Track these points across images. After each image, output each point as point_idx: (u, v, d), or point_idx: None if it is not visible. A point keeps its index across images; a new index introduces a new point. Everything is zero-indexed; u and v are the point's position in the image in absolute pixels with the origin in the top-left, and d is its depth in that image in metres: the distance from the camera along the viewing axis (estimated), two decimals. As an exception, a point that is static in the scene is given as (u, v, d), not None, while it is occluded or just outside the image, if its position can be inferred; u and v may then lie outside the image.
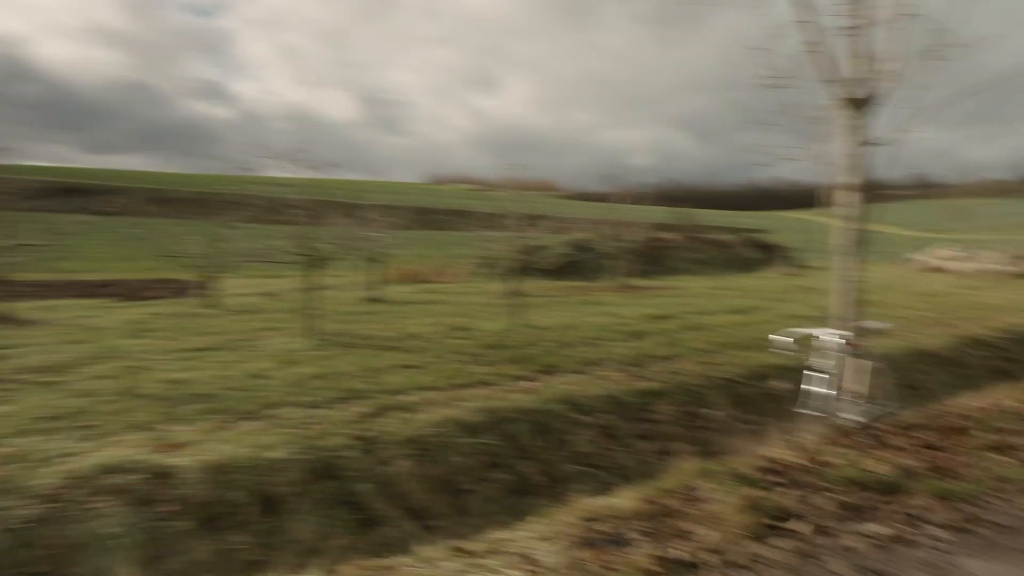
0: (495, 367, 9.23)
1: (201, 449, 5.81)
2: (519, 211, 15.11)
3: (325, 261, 12.54)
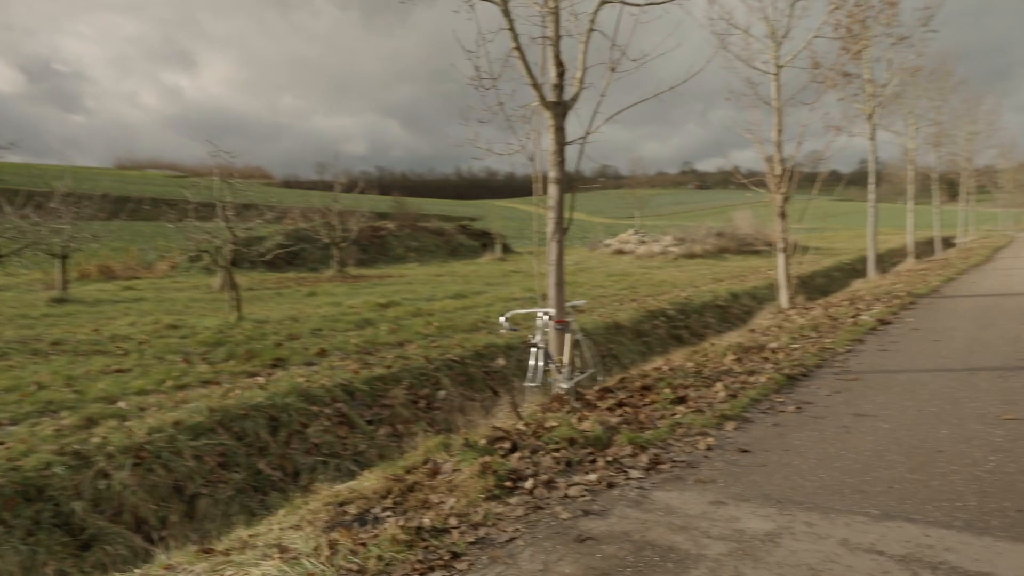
0: (218, 365, 8.83)
1: None
2: (230, 199, 14.34)
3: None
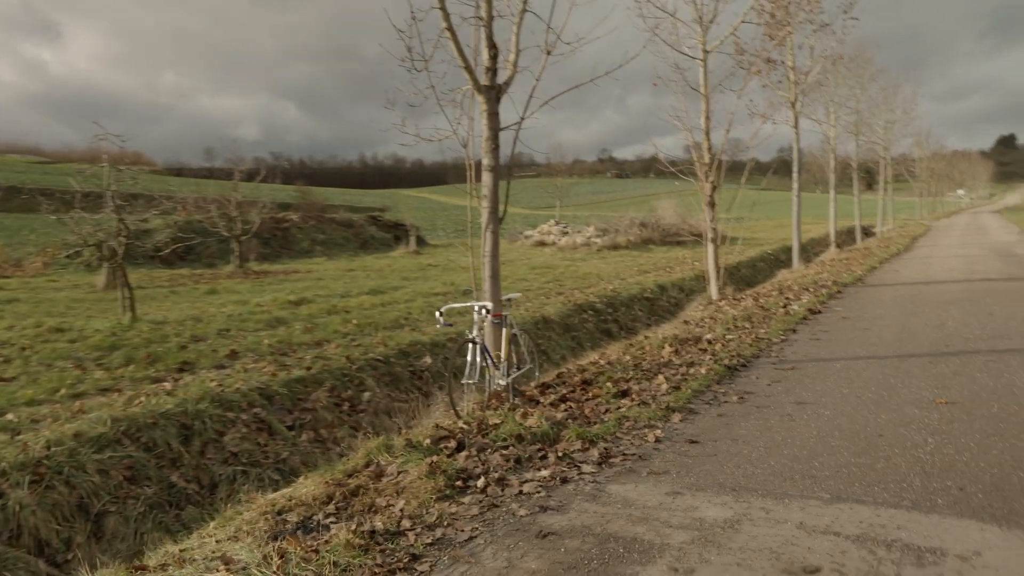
0: (117, 371, 8.32)
1: None
2: (110, 188, 13.46)
3: None
